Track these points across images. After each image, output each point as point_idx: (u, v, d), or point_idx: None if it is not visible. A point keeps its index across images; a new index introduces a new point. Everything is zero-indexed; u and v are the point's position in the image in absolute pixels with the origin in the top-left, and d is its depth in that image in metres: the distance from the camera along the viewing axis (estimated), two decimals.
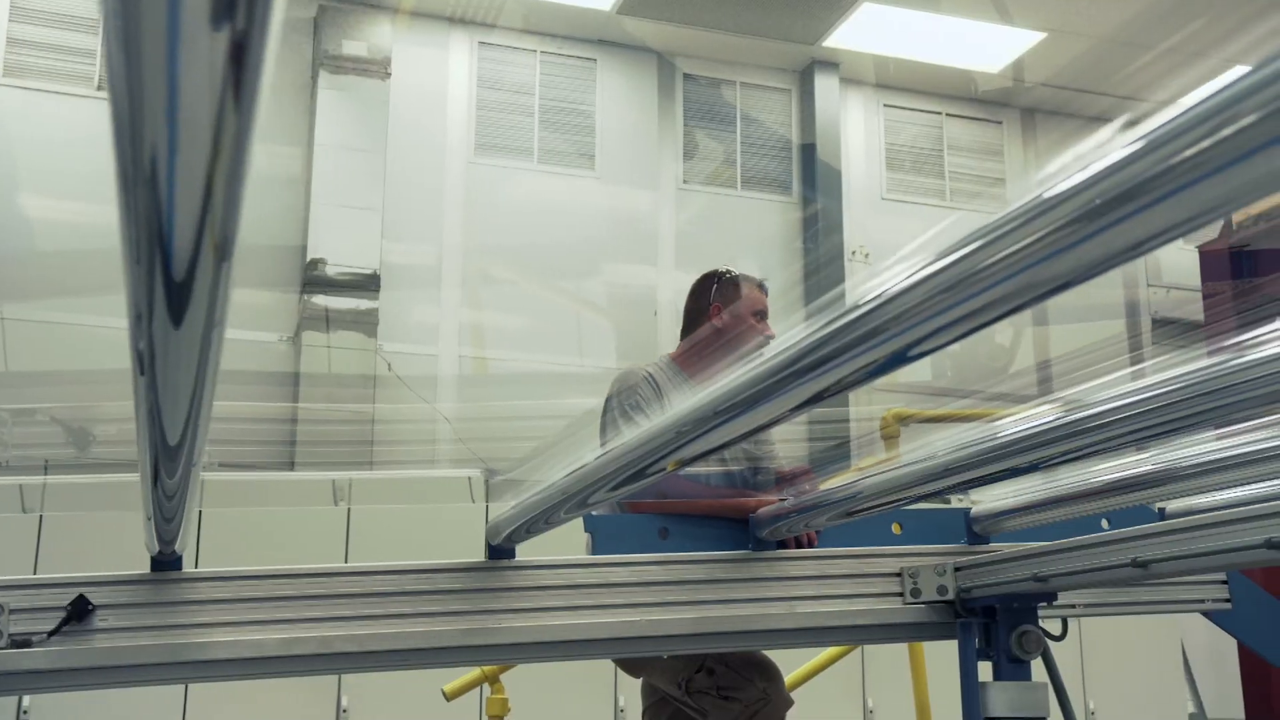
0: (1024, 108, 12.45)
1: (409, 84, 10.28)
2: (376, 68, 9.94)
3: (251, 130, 0.63)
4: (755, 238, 11.39)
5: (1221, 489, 2.72)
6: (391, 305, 9.72)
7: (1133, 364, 1.70)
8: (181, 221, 0.72)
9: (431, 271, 10.10)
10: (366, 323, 9.41)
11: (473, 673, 3.81)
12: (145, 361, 1.04)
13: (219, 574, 2.53)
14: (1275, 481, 2.46)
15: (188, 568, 2.54)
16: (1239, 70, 0.70)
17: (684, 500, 3.05)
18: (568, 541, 3.00)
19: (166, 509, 1.84)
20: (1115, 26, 10.75)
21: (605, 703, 6.49)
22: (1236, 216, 8.87)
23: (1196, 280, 9.27)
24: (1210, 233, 9.36)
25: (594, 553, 2.95)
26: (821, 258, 11.28)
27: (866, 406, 10.24)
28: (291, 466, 8.36)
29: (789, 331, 1.28)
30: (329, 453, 8.25)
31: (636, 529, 3.01)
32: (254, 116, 0.62)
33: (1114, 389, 1.61)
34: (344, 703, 6.31)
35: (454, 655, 2.70)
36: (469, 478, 6.95)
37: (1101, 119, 12.62)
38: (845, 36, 11.39)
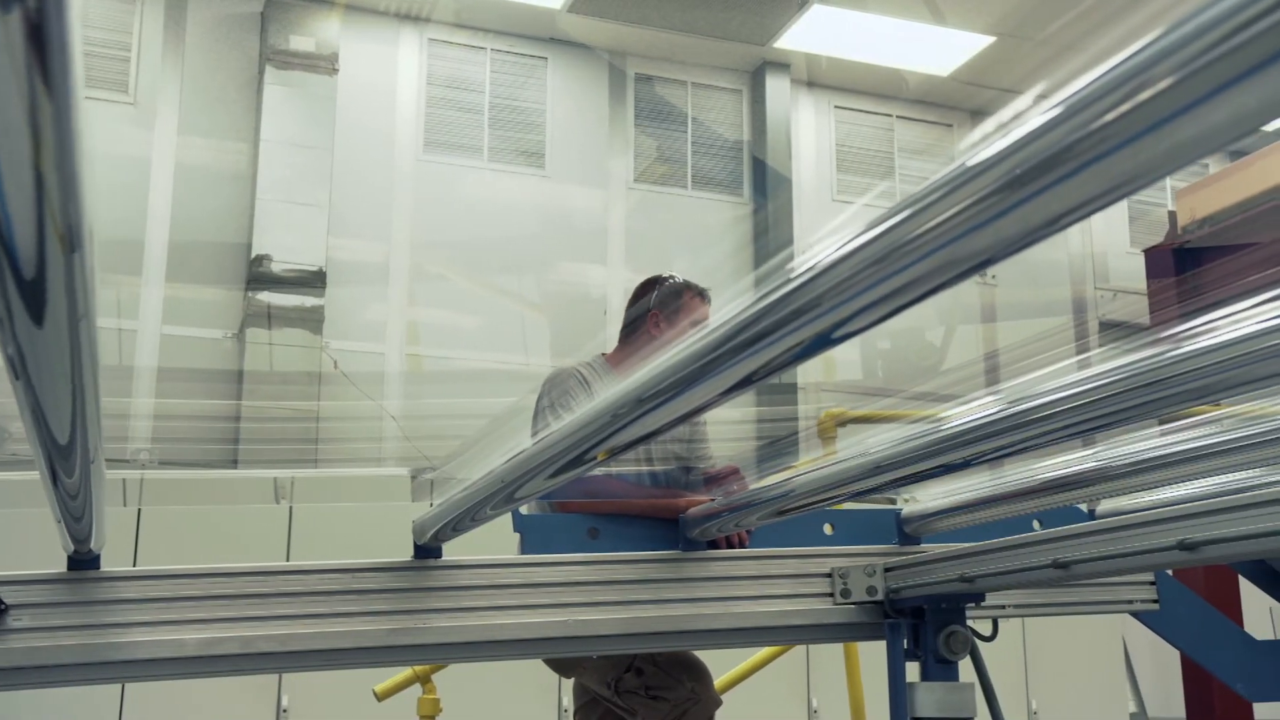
0: (973, 110, 12.53)
1: (357, 80, 10.21)
2: (324, 64, 9.86)
3: (72, 114, 0.61)
4: (705, 238, 11.40)
5: (1148, 489, 2.74)
6: (338, 303, 9.66)
7: (1067, 364, 1.68)
8: (18, 217, 0.69)
9: (379, 269, 10.05)
10: (312, 320, 9.34)
11: (404, 672, 3.78)
12: (17, 365, 1.01)
13: (138, 573, 2.49)
14: (1195, 483, 2.49)
15: (124, 566, 2.51)
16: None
17: (614, 500, 3.04)
18: (509, 542, 2.99)
19: (72, 508, 1.80)
20: (1060, 30, 10.82)
21: (549, 704, 6.47)
22: (1181, 220, 8.97)
23: (1142, 283, 9.36)
24: (1156, 235, 9.47)
25: (523, 552, 2.94)
26: (771, 258, 11.31)
27: (814, 405, 10.25)
28: (235, 464, 8.28)
29: (724, 308, 1.25)
30: (273, 451, 8.18)
31: (566, 529, 3.00)
32: (71, 100, 0.59)
33: (1046, 384, 1.60)
34: (284, 702, 6.26)
35: (379, 655, 2.68)
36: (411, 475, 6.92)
37: None
38: (796, 38, 11.42)
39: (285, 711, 6.24)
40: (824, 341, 1.11)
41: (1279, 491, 1.89)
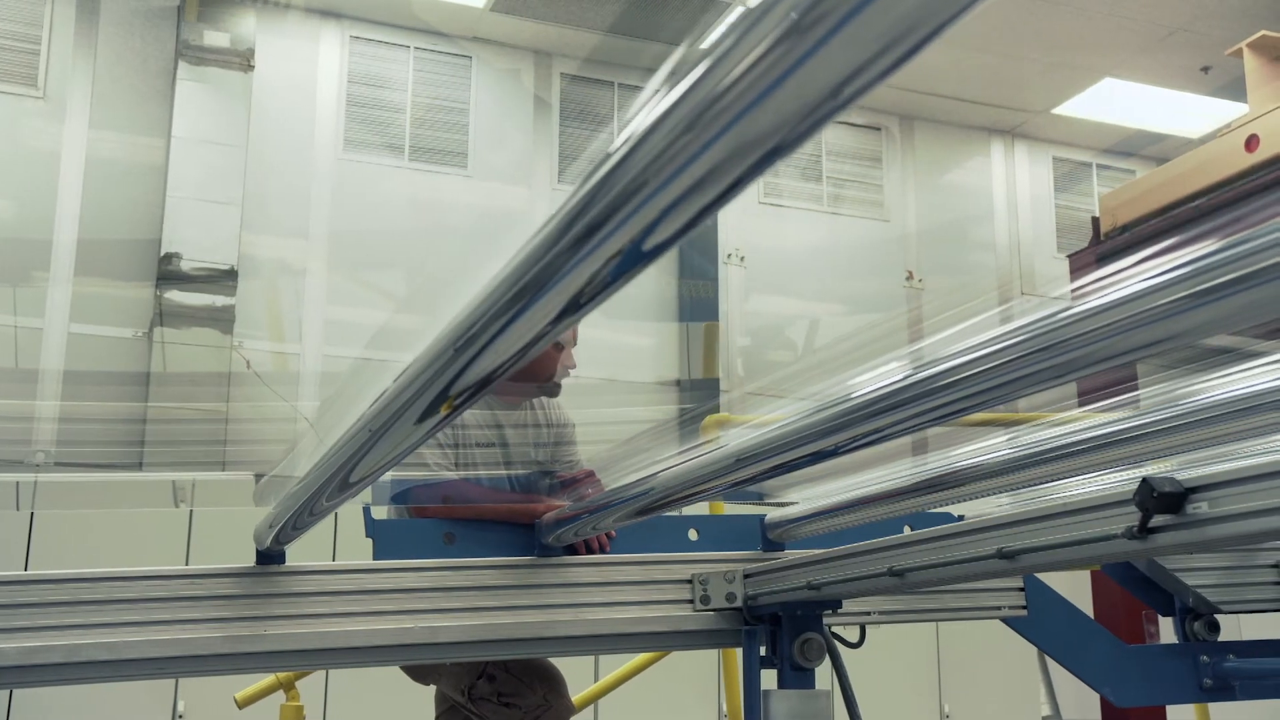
0: (903, 115, 12.56)
1: (275, 77, 10.06)
2: (239, 60, 9.71)
3: None
4: None
5: (1005, 492, 2.73)
6: (251, 302, 9.50)
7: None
8: None
9: (295, 268, 9.91)
10: (223, 319, 9.19)
11: (267, 679, 3.71)
12: None
13: None
14: (1047, 487, 2.47)
15: (13, 570, 2.44)
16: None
17: (471, 505, 3.00)
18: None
19: None
20: (991, 36, 10.89)
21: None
22: (1104, 226, 9.07)
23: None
24: (1080, 241, 9.60)
25: (376, 558, 2.88)
26: (696, 261, 11.29)
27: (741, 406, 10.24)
28: (140, 467, 8.14)
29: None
30: (180, 452, 8.05)
31: (420, 534, 2.95)
32: None
33: (919, 362, 1.49)
34: (180, 707, 6.16)
35: (216, 664, 2.61)
36: None
37: (980, 128, 12.80)
38: None
39: (180, 717, 6.14)
40: (637, 255, 0.96)
41: (1094, 498, 1.87)
